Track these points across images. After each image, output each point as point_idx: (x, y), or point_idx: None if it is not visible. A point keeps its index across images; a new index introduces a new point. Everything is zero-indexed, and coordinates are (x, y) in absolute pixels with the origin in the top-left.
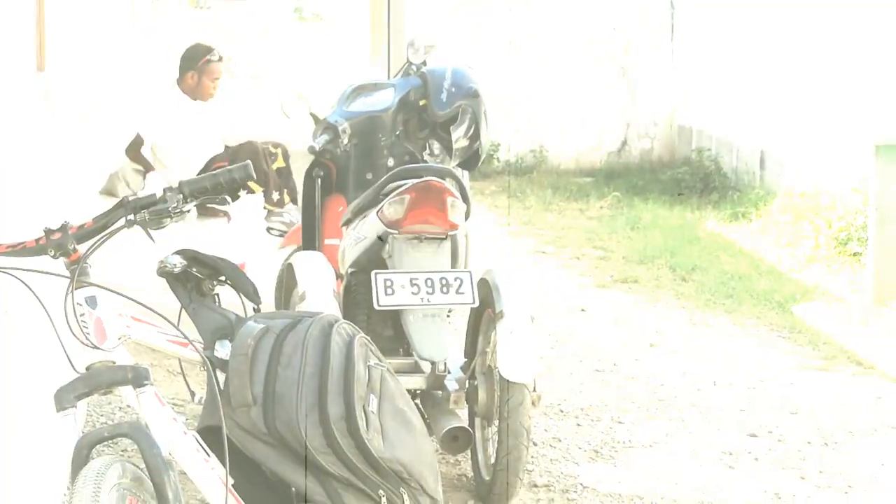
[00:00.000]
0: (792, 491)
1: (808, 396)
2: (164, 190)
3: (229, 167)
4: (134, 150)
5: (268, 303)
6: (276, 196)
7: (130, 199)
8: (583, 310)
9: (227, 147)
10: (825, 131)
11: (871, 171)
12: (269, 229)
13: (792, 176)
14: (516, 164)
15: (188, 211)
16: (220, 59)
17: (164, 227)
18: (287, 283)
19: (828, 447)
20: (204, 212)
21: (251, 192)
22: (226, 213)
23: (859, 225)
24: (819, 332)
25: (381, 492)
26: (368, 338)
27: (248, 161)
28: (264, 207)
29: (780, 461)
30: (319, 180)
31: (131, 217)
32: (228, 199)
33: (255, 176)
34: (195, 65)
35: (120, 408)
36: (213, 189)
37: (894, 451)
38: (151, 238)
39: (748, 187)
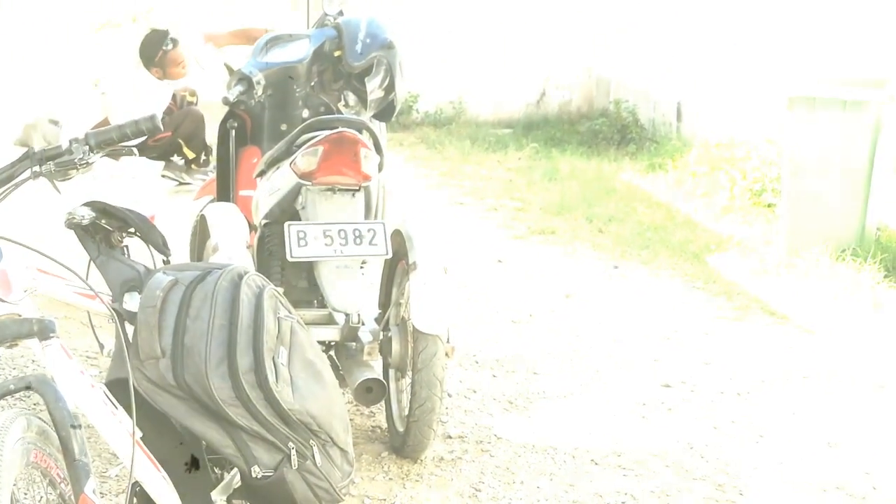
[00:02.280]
0: (704, 441)
1: (722, 347)
2: (69, 141)
3: (136, 119)
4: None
5: (182, 256)
6: (203, 157)
7: (36, 149)
8: (500, 261)
9: (171, 112)
10: (740, 83)
11: (784, 123)
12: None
13: (708, 127)
14: (435, 116)
15: (94, 162)
16: (176, 43)
17: (70, 178)
18: (200, 234)
19: (740, 397)
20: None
21: (185, 157)
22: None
23: (773, 176)
24: (733, 282)
25: (290, 444)
26: (278, 289)
27: (155, 113)
28: (185, 160)
29: (693, 411)
30: (234, 131)
31: (37, 168)
32: (136, 150)
33: (161, 128)
34: (154, 60)
35: (33, 360)
36: (119, 140)
37: (805, 401)
38: (57, 189)
39: (665, 139)
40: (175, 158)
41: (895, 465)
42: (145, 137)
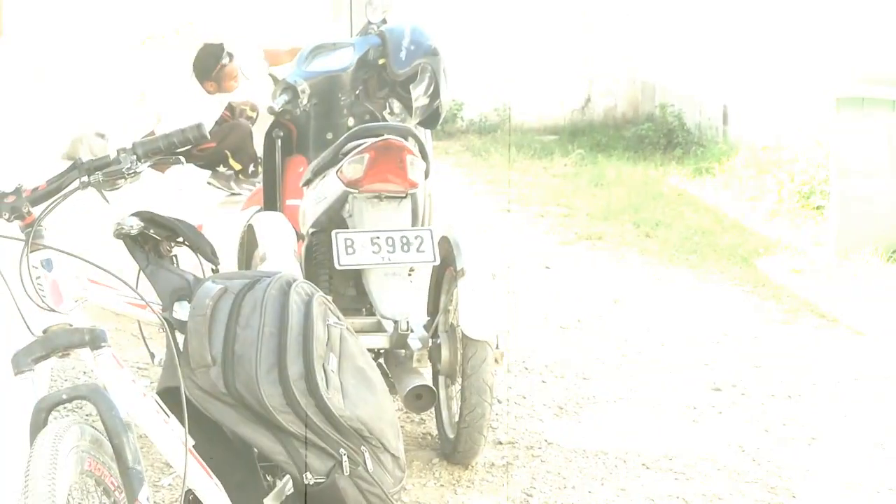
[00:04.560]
0: (756, 444)
1: (772, 349)
2: (117, 151)
3: (182, 128)
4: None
5: (230, 265)
6: (251, 168)
7: (84, 160)
8: (547, 267)
9: (218, 125)
10: (787, 85)
11: (832, 125)
12: (234, 194)
13: (754, 130)
14: (480, 123)
15: (141, 171)
16: (232, 57)
17: (118, 188)
18: (248, 244)
19: (791, 399)
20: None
21: (231, 168)
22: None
23: (821, 178)
24: (782, 285)
25: (342, 450)
26: (327, 297)
27: (201, 122)
28: (233, 172)
29: (743, 414)
30: (279, 141)
31: (85, 179)
32: (182, 159)
33: (208, 136)
34: (210, 75)
35: (84, 372)
36: (166, 149)
37: (857, 403)
38: (106, 199)
39: (711, 142)
40: (221, 168)
41: None
42: (192, 146)
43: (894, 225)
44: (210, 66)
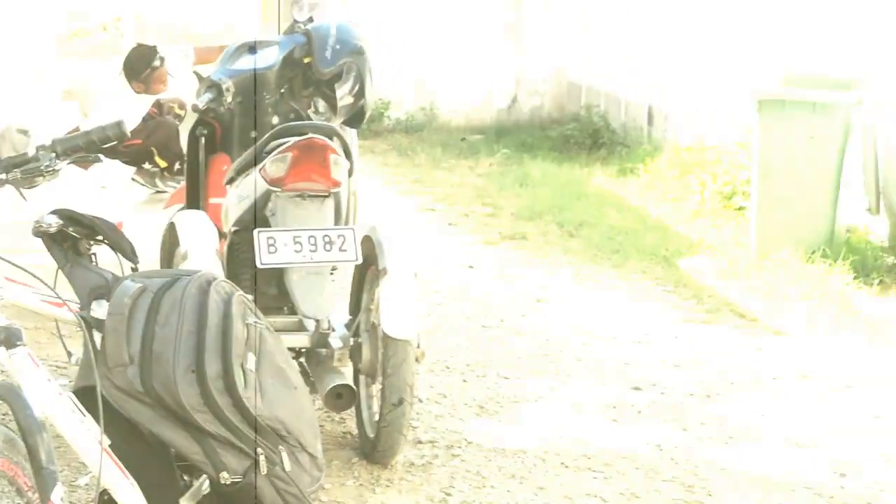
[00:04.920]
0: (674, 442)
1: (692, 349)
2: (36, 148)
3: (103, 125)
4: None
5: (154, 263)
6: (177, 166)
7: (3, 157)
8: (471, 266)
9: (145, 122)
10: (711, 86)
11: (754, 126)
12: (159, 192)
13: (678, 131)
14: (407, 122)
15: (60, 169)
16: (164, 61)
17: (36, 185)
18: (170, 242)
19: (710, 399)
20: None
21: (157, 166)
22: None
23: (743, 179)
24: (703, 285)
25: (259, 450)
26: (247, 296)
27: (122, 119)
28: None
29: (662, 413)
30: (203, 139)
31: (3, 176)
32: (101, 157)
33: (128, 134)
34: (139, 76)
35: (2, 372)
36: (86, 147)
37: (775, 402)
38: (24, 197)
39: (636, 143)
40: (147, 166)
41: (864, 465)
42: (114, 143)
43: (814, 226)
44: (140, 68)
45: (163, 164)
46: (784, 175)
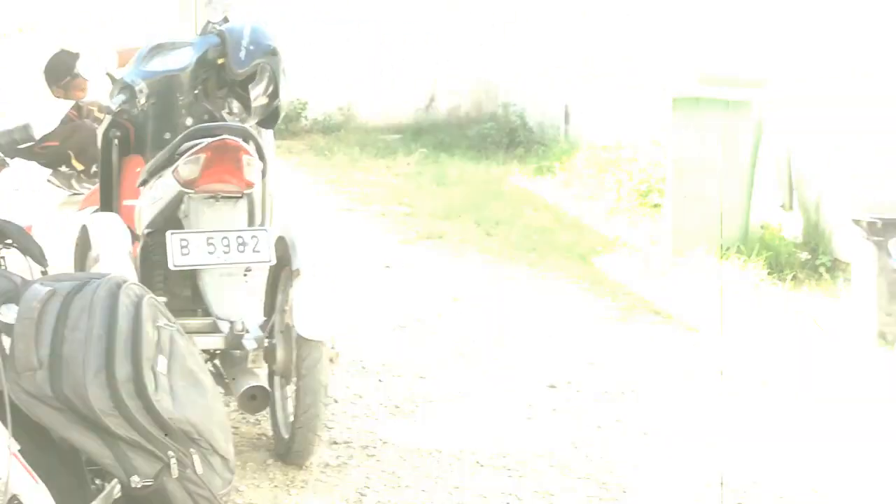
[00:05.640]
0: (589, 440)
1: (607, 347)
2: None
3: (10, 128)
4: None
5: (68, 266)
6: (94, 169)
7: None
8: (387, 266)
9: (63, 124)
10: (626, 85)
11: (668, 124)
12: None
13: (595, 130)
14: (324, 122)
15: None
16: (84, 69)
17: None
18: (82, 245)
19: (624, 396)
20: None
21: (74, 168)
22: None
23: (659, 177)
24: (619, 283)
25: (170, 453)
26: (158, 298)
27: (28, 122)
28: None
29: (577, 411)
30: (116, 141)
31: None
32: (8, 160)
33: (35, 137)
34: (60, 82)
35: None
36: None
37: (689, 398)
38: None
39: (552, 141)
40: (64, 168)
41: (776, 461)
42: (30, 144)
43: (729, 223)
44: (61, 74)
45: (80, 166)
46: (698, 173)
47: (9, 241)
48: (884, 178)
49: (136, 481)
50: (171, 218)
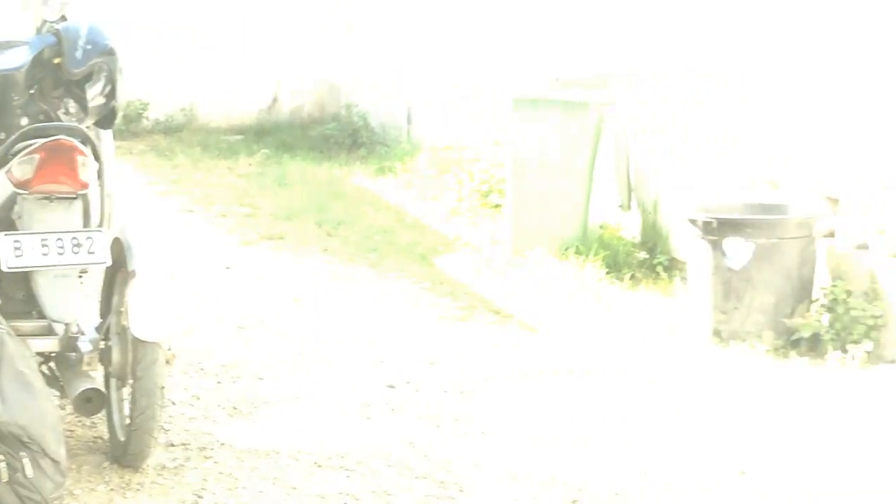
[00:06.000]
0: (427, 439)
1: (447, 346)
2: None
3: None
4: None
5: None
6: None
7: None
8: (228, 267)
9: None
10: (469, 85)
11: (509, 125)
12: None
13: (437, 130)
14: (166, 123)
15: None
16: None
17: None
18: None
19: (464, 395)
20: None
21: None
22: None
23: (500, 177)
24: (460, 282)
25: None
26: None
27: None
28: None
29: (416, 410)
30: None
31: None
32: None
33: None
34: None
35: None
36: None
37: (527, 397)
38: None
39: (395, 142)
40: None
41: (609, 458)
42: None
43: (568, 223)
44: None
45: None
46: (538, 173)
47: None
48: (719, 179)
49: None
50: (4, 219)
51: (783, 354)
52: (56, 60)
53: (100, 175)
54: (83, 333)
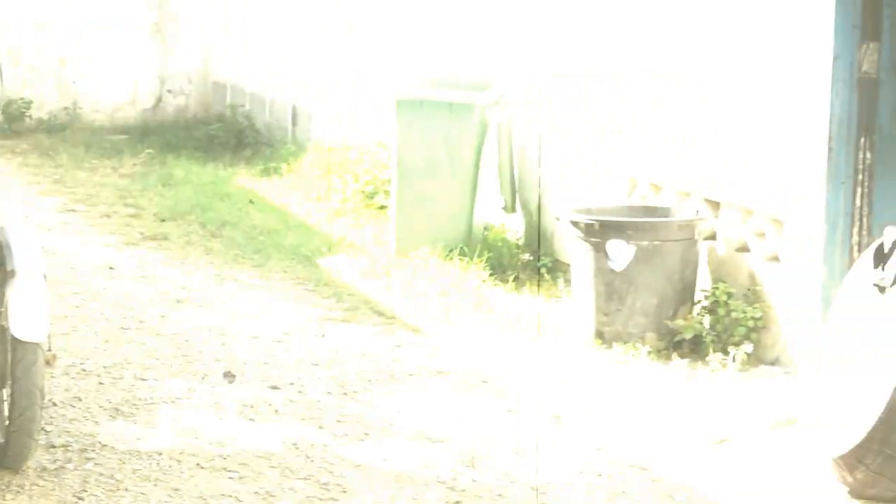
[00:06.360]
0: (310, 441)
1: (331, 348)
2: None
3: None
4: None
5: None
6: None
7: None
8: (111, 268)
9: None
10: (354, 86)
11: (394, 126)
12: None
13: (323, 131)
14: (49, 122)
15: None
16: None
17: None
18: None
19: (347, 396)
20: None
21: None
22: None
23: (385, 179)
24: (344, 284)
25: None
26: None
27: None
28: None
29: (300, 412)
30: None
31: None
32: None
33: None
34: None
35: None
36: None
37: (411, 398)
38: None
39: (280, 143)
40: None
41: (496, 458)
42: None
43: (452, 224)
44: None
45: None
46: (423, 175)
47: None
48: (602, 181)
49: None
50: None
51: (665, 356)
52: None
53: None
54: None
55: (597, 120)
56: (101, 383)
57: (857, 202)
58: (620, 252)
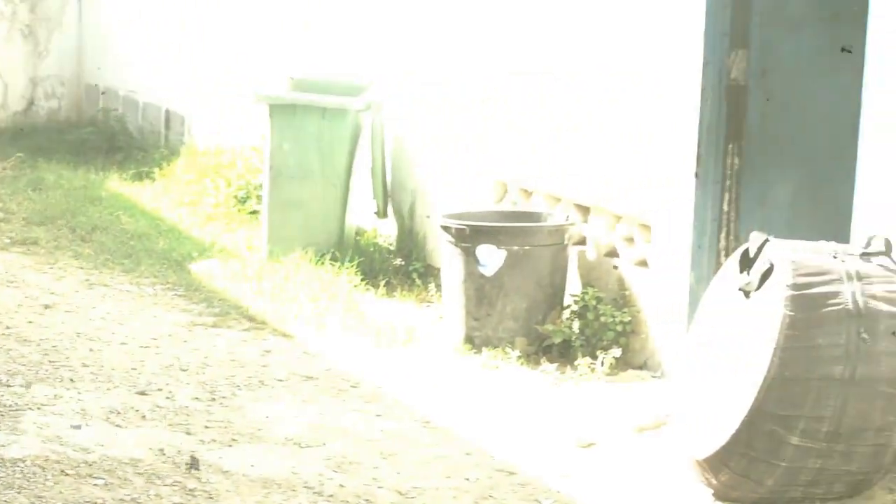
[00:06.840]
0: (177, 447)
1: (200, 353)
2: None
3: None
4: None
5: None
6: None
7: None
8: None
9: None
10: (227, 90)
11: (266, 130)
12: None
13: (196, 135)
14: None
15: None
16: None
17: None
18: None
19: (215, 402)
20: None
21: None
22: None
23: (257, 183)
24: (215, 289)
25: None
26: None
27: None
28: None
29: (167, 418)
30: None
31: None
32: None
33: None
34: None
35: None
36: None
37: (279, 403)
38: None
39: (153, 147)
40: None
41: (363, 462)
42: None
43: (324, 229)
44: None
45: None
46: (295, 179)
47: None
48: (473, 186)
49: None
50: None
51: (534, 361)
52: None
53: None
54: None
55: (463, 122)
56: None
57: (725, 207)
58: (490, 257)
